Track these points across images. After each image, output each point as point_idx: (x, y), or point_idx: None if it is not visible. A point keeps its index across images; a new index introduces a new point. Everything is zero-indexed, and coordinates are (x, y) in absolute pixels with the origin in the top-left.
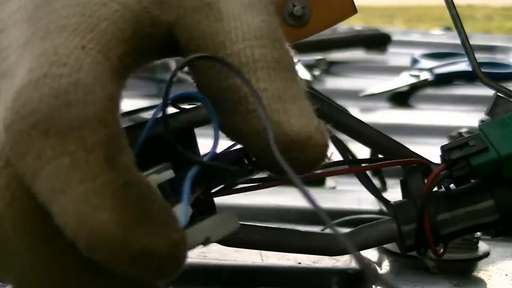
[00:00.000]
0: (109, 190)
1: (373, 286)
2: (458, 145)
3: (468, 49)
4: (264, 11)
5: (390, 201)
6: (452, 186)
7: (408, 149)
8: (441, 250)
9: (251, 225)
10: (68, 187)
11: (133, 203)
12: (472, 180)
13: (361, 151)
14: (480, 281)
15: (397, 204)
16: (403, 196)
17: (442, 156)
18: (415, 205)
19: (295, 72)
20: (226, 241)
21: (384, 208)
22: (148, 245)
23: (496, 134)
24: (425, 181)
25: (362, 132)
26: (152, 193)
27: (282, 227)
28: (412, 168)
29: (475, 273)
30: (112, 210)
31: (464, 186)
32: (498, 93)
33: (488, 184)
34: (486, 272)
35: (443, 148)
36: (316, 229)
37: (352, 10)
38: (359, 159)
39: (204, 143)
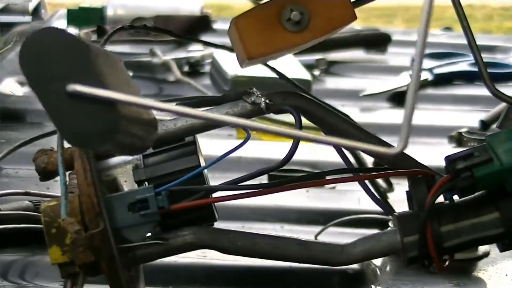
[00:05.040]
0: None
1: (373, 286)
2: (462, 156)
3: (480, 63)
4: None
5: (394, 211)
6: (456, 197)
7: (414, 159)
8: (446, 263)
9: (250, 233)
10: None
11: None
12: (476, 192)
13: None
14: (480, 281)
15: (401, 215)
16: (409, 208)
17: (446, 167)
18: (419, 216)
19: None
20: (223, 249)
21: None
22: None
23: (502, 146)
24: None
25: (367, 142)
26: None
27: (282, 227)
28: (417, 179)
29: (475, 273)
30: None
31: (469, 198)
32: (511, 106)
33: (493, 196)
34: (486, 272)
35: (447, 159)
36: (316, 229)
37: (352, 16)
38: (364, 168)
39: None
